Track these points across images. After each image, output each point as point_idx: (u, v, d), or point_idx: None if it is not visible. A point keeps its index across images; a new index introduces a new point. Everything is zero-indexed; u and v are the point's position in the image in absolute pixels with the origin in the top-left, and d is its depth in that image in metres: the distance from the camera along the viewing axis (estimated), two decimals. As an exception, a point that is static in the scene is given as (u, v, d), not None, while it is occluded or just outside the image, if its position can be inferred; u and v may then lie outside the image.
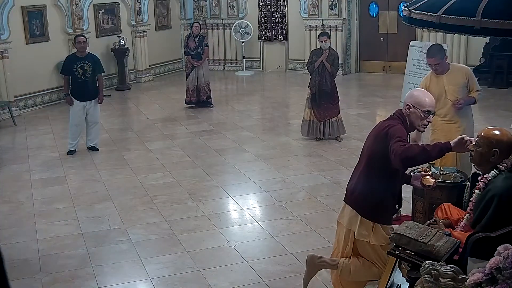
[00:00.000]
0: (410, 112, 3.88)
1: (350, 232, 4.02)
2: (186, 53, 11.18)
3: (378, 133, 3.87)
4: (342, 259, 4.13)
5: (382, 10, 14.37)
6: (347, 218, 4.01)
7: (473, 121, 5.89)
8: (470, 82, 5.71)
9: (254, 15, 15.22)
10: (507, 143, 3.77)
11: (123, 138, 9.50)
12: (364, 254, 4.05)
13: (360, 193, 3.94)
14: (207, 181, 7.30)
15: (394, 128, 3.76)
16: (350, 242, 4.04)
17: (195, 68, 11.05)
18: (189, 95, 11.23)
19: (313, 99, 8.67)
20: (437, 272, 3.13)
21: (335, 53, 8.76)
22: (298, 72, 14.84)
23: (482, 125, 5.33)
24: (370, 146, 3.93)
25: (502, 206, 3.59)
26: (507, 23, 3.55)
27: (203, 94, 11.24)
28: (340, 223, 4.13)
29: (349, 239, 4.04)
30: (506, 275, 2.85)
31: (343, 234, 4.08)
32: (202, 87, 11.19)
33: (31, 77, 11.35)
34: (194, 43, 10.97)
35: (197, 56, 10.99)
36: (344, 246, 4.10)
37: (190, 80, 11.17)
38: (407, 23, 4.52)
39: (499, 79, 12.53)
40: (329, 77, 8.60)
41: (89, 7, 12.73)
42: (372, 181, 3.89)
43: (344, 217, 4.05)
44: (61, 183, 7.38)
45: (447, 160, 5.67)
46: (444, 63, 5.67)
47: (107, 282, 4.96)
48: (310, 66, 8.68)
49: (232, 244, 5.57)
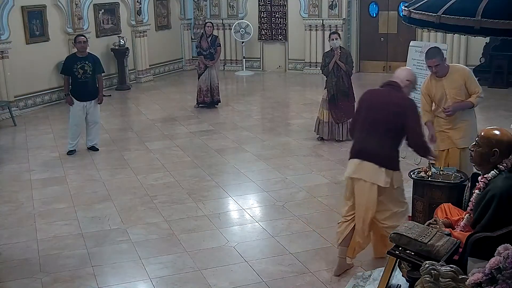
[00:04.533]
0: (407, 85, 4.76)
1: (373, 186, 4.60)
2: (199, 53, 11.13)
3: (397, 109, 4.60)
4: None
5: (382, 10, 14.36)
6: (369, 173, 4.61)
7: (476, 123, 5.83)
8: (468, 84, 5.58)
9: (254, 15, 15.21)
10: (507, 143, 3.78)
11: (123, 138, 9.51)
12: (389, 200, 4.69)
13: (384, 152, 4.63)
14: (207, 181, 7.30)
15: (413, 109, 4.63)
16: (374, 194, 4.62)
17: (208, 68, 11.01)
18: (203, 95, 11.15)
19: (331, 100, 8.62)
20: (437, 272, 3.13)
21: (347, 51, 8.76)
22: (298, 72, 14.84)
23: (482, 125, 5.31)
24: (390, 120, 4.59)
25: (502, 206, 3.59)
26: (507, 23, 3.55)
27: (216, 94, 11.22)
28: (357, 179, 4.68)
29: (373, 192, 4.62)
30: (506, 275, 2.86)
31: (367, 190, 4.64)
32: (215, 87, 11.16)
33: (31, 77, 11.35)
34: (207, 43, 10.95)
35: (209, 56, 10.96)
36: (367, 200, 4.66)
37: (203, 81, 11.10)
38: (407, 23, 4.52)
39: (499, 79, 12.52)
40: (346, 77, 8.58)
41: (89, 7, 12.73)
42: (392, 142, 4.66)
43: (364, 173, 4.63)
44: (61, 183, 7.38)
45: (452, 161, 5.66)
46: (443, 65, 5.61)
47: (107, 282, 4.96)
48: (324, 69, 8.63)
49: (232, 244, 5.57)
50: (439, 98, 5.67)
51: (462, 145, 5.62)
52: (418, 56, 7.75)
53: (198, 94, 11.26)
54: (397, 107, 4.60)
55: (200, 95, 11.22)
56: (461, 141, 5.63)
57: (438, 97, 5.67)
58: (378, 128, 4.62)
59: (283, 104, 12.06)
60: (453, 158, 5.68)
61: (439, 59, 5.55)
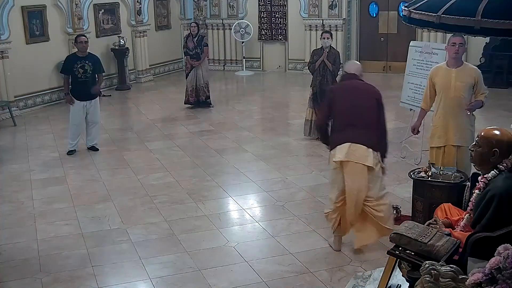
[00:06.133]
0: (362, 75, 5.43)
1: (364, 167, 5.00)
2: (185, 53, 11.18)
3: (375, 95, 5.23)
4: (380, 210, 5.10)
5: (382, 10, 14.37)
6: (359, 155, 5.00)
7: (473, 120, 5.83)
8: (479, 84, 5.65)
9: (254, 15, 15.22)
10: (507, 143, 3.77)
11: (123, 138, 9.50)
12: (375, 176, 5.09)
13: (370, 134, 5.08)
14: (207, 181, 7.30)
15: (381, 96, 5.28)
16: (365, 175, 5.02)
17: (194, 68, 11.04)
18: (188, 95, 11.23)
19: (314, 99, 8.67)
20: (437, 272, 3.13)
21: (336, 52, 8.76)
22: (298, 72, 14.84)
23: (482, 125, 5.30)
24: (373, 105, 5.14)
25: (502, 206, 3.59)
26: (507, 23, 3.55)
27: (202, 94, 11.23)
28: (347, 162, 5.02)
29: (364, 173, 5.02)
30: (506, 275, 2.86)
31: (359, 171, 5.02)
32: (201, 87, 11.18)
33: (31, 77, 11.35)
34: (193, 43, 10.96)
35: (195, 56, 10.97)
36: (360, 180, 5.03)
37: (189, 80, 11.17)
38: (407, 23, 4.52)
39: (499, 79, 12.53)
40: (331, 77, 8.59)
41: (89, 7, 12.73)
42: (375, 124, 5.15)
43: (356, 155, 5.01)
44: (61, 183, 7.38)
45: (448, 159, 5.67)
46: (463, 50, 5.70)
47: (107, 282, 4.96)
48: (311, 66, 8.68)
49: (232, 244, 5.57)
50: (441, 86, 5.67)
51: (457, 142, 5.64)
52: (418, 56, 7.74)
53: (185, 93, 11.31)
54: (375, 94, 5.25)
55: (186, 94, 11.27)
56: (457, 139, 5.64)
57: (440, 84, 5.67)
58: (364, 113, 5.13)
59: (283, 104, 12.06)
60: (449, 156, 5.69)
61: (464, 42, 5.66)
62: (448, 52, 5.75)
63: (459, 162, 5.63)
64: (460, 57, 5.68)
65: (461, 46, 5.58)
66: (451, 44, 5.62)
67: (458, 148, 5.65)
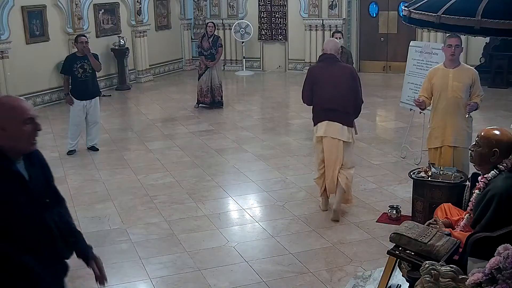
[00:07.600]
0: (339, 54, 6.03)
1: (339, 141, 5.85)
2: (200, 53, 11.13)
3: (352, 75, 5.87)
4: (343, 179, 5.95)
5: (382, 10, 14.37)
6: (336, 131, 5.81)
7: (470, 121, 5.82)
8: (475, 86, 5.65)
9: (254, 15, 15.22)
10: (507, 143, 3.77)
11: (123, 138, 9.51)
12: (348, 150, 5.95)
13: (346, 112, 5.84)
14: (207, 181, 7.30)
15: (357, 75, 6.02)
16: (341, 147, 5.87)
17: (208, 69, 11.00)
18: (203, 95, 11.14)
19: None
20: (437, 272, 3.13)
21: (348, 52, 8.76)
22: (298, 72, 14.83)
23: (482, 125, 5.32)
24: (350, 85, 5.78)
25: (502, 206, 3.59)
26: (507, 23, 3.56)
27: (217, 94, 11.20)
28: (326, 137, 5.87)
29: (340, 146, 5.86)
30: (506, 275, 2.86)
31: (335, 145, 5.87)
32: (216, 87, 11.15)
33: (31, 77, 11.35)
34: (208, 44, 10.92)
35: (210, 56, 10.93)
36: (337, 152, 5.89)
37: (203, 81, 11.09)
38: (407, 23, 4.53)
39: (499, 79, 12.53)
40: None
41: (89, 7, 12.73)
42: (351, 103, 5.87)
43: (333, 131, 5.82)
44: (61, 183, 7.36)
45: (445, 160, 5.67)
46: (460, 51, 5.68)
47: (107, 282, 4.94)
48: None
49: (232, 244, 5.57)
50: (439, 87, 5.67)
51: (454, 143, 5.64)
52: (418, 56, 7.74)
53: (198, 94, 11.26)
54: (351, 74, 5.86)
55: (200, 95, 11.21)
56: (454, 139, 5.64)
57: (438, 85, 5.67)
58: (341, 93, 5.75)
59: (283, 104, 12.06)
60: (446, 157, 5.69)
61: (461, 42, 5.65)
62: (445, 54, 5.75)
63: (455, 163, 5.63)
64: (457, 58, 5.67)
65: (457, 47, 5.58)
66: (447, 46, 5.62)
67: (454, 148, 5.66)
